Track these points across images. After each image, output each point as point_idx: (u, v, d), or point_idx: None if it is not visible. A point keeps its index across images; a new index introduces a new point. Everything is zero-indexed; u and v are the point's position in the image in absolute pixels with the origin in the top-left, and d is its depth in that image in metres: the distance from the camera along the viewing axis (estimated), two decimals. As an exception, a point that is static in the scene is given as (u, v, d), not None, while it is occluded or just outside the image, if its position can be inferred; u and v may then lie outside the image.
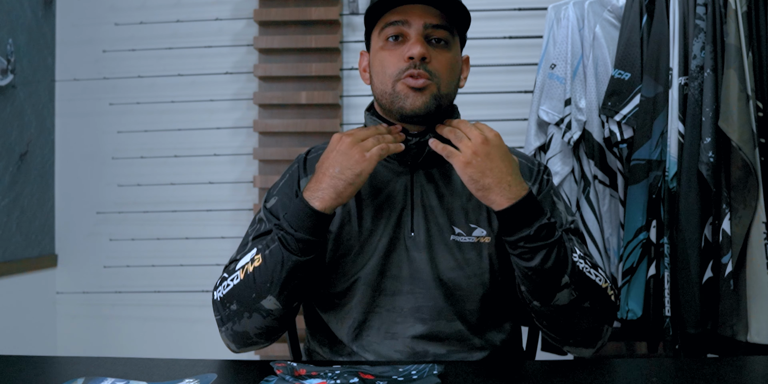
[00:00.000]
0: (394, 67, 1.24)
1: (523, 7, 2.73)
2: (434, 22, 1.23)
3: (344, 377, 1.01)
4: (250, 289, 1.18)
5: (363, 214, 1.29)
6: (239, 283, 1.20)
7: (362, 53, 1.36)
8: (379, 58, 1.27)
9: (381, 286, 1.28)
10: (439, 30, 1.24)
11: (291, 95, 2.80)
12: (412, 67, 1.22)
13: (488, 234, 1.28)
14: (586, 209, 2.29)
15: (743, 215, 2.02)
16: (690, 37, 2.13)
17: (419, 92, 1.23)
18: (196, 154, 2.88)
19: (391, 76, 1.24)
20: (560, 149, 2.31)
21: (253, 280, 1.18)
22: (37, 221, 2.83)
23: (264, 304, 1.18)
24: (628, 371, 1.14)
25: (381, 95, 1.27)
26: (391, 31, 1.25)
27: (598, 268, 1.24)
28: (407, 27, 1.23)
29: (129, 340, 2.94)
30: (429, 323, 1.27)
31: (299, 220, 1.16)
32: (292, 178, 1.36)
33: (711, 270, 2.07)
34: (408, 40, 1.24)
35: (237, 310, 1.20)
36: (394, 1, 1.23)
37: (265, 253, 1.18)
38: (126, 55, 2.91)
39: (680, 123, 2.12)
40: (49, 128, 2.93)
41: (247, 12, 2.88)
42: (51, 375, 1.13)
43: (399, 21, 1.23)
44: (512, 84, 2.73)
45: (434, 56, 1.24)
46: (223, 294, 1.22)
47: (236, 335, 1.23)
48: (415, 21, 1.23)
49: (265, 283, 1.17)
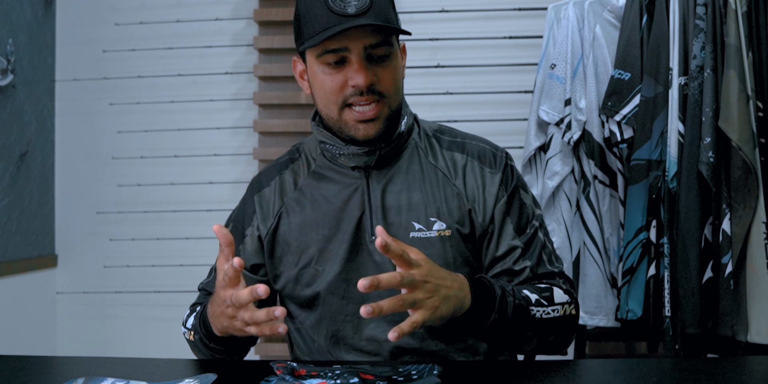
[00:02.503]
0: (338, 93, 1.20)
1: (523, 7, 2.73)
2: (373, 42, 1.17)
3: (344, 377, 1.01)
4: (194, 349, 1.33)
5: (321, 223, 1.28)
6: (188, 339, 1.33)
7: (295, 60, 1.30)
8: (320, 81, 1.21)
9: (348, 294, 1.27)
10: (380, 48, 1.18)
11: (291, 95, 2.80)
12: (358, 93, 1.18)
13: (448, 227, 1.26)
14: (586, 209, 2.29)
15: (743, 215, 2.02)
16: (690, 37, 2.13)
17: (371, 122, 1.20)
18: (196, 154, 2.88)
19: (335, 102, 1.21)
20: (560, 149, 2.31)
21: (193, 346, 1.32)
22: (37, 221, 2.83)
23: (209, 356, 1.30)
24: (628, 371, 1.14)
25: (327, 118, 1.25)
26: (330, 59, 1.18)
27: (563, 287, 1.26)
28: (347, 52, 1.17)
29: (129, 340, 2.93)
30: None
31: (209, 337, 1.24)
32: (242, 203, 1.39)
33: (711, 270, 2.07)
34: (349, 63, 1.18)
35: (191, 342, 1.32)
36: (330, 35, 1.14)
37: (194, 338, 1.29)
38: (126, 55, 2.91)
39: (680, 123, 2.12)
40: (49, 128, 2.93)
41: (247, 12, 2.88)
42: (51, 375, 1.13)
43: (338, 48, 1.17)
44: (512, 84, 2.73)
45: (379, 76, 1.19)
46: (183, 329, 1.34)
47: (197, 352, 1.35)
48: (355, 46, 1.17)
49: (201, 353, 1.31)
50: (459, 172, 1.29)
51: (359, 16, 1.15)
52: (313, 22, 1.18)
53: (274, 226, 1.31)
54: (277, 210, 1.31)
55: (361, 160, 1.26)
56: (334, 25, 1.15)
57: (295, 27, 1.25)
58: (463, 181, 1.29)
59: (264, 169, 1.39)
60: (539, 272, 1.28)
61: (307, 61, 1.24)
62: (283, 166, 1.36)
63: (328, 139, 1.27)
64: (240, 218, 1.36)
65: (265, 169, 1.38)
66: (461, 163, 1.30)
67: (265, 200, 1.33)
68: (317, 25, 1.17)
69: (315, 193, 1.30)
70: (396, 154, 1.29)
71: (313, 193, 1.30)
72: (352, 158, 1.26)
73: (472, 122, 2.63)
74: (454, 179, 1.29)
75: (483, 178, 1.29)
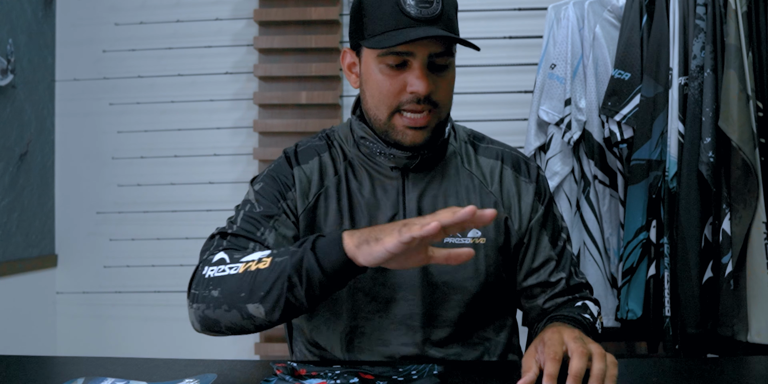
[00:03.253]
0: (394, 98, 1.18)
1: (523, 7, 2.73)
2: (438, 51, 1.16)
3: (344, 377, 1.01)
4: (243, 287, 1.06)
5: (354, 216, 1.26)
6: (235, 275, 1.07)
7: (347, 51, 1.27)
8: (376, 80, 1.20)
9: (374, 293, 1.26)
10: (442, 57, 1.18)
11: (291, 95, 2.81)
12: (414, 101, 1.17)
13: (483, 234, 1.26)
14: (586, 209, 2.29)
15: (743, 215, 2.02)
16: (690, 37, 2.13)
17: (420, 130, 1.20)
18: (196, 154, 2.88)
19: (389, 106, 1.19)
20: (560, 149, 2.31)
21: (251, 280, 1.06)
22: (37, 221, 2.83)
23: (248, 307, 1.06)
24: (628, 371, 1.14)
25: (374, 119, 1.23)
26: (393, 61, 1.17)
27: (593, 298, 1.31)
28: (411, 57, 1.16)
29: (129, 340, 2.93)
30: (420, 331, 1.25)
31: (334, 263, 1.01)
32: (279, 166, 1.30)
33: (711, 270, 2.07)
34: (410, 68, 1.17)
35: (217, 298, 1.08)
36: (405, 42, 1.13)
37: (276, 260, 1.05)
38: (126, 55, 2.91)
39: (680, 123, 2.12)
40: (49, 128, 2.93)
41: (247, 12, 2.88)
42: (51, 375, 1.13)
43: (403, 52, 1.15)
44: (512, 84, 2.73)
45: (438, 85, 1.19)
46: (212, 276, 1.10)
47: (205, 319, 1.11)
48: (420, 52, 1.15)
49: (259, 290, 1.05)
50: (495, 178, 1.30)
51: (430, 23, 1.14)
52: (381, 20, 1.16)
53: (312, 207, 1.27)
54: (316, 191, 1.27)
55: (401, 162, 1.25)
56: (403, 28, 1.14)
57: (354, 18, 1.22)
58: (499, 188, 1.29)
59: (299, 147, 1.32)
60: (572, 284, 1.30)
61: (363, 57, 1.22)
62: (321, 149, 1.31)
63: (370, 137, 1.25)
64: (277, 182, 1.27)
65: (301, 146, 1.32)
66: (497, 170, 1.30)
67: (305, 177, 1.27)
68: (385, 24, 1.15)
69: (351, 184, 1.28)
70: (436, 158, 1.29)
71: (349, 184, 1.28)
72: (393, 159, 1.25)
73: (472, 122, 2.62)
74: (490, 186, 1.29)
75: (518, 187, 1.30)
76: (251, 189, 1.29)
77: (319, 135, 1.36)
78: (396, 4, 1.14)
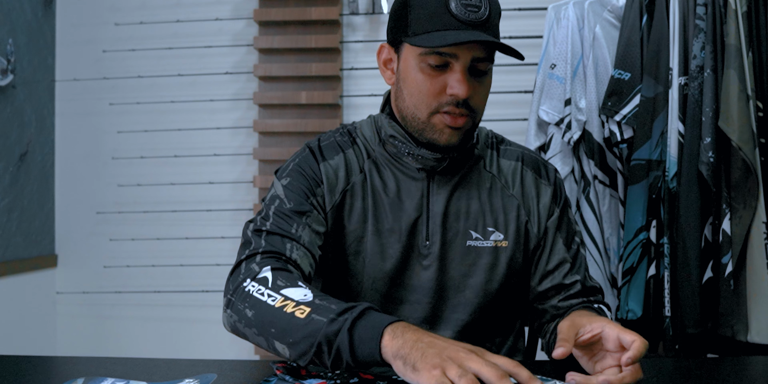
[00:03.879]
0: (434, 98, 1.18)
1: (523, 7, 2.73)
2: (481, 56, 1.17)
3: (344, 377, 1.01)
4: (275, 324, 1.01)
5: (380, 218, 1.26)
6: (271, 307, 1.02)
7: (384, 46, 1.26)
8: (416, 79, 1.19)
9: (389, 294, 1.26)
10: (483, 62, 1.19)
11: (291, 95, 2.81)
12: (453, 104, 1.17)
13: (505, 238, 1.26)
14: (586, 209, 2.29)
15: (743, 215, 2.02)
16: (690, 37, 2.13)
17: (456, 130, 1.20)
18: (196, 154, 2.88)
19: (429, 106, 1.19)
20: (560, 149, 2.31)
21: (284, 323, 1.00)
22: (37, 221, 2.83)
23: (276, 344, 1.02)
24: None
25: (411, 117, 1.22)
26: (435, 61, 1.17)
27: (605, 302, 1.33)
28: (453, 59, 1.16)
29: (129, 340, 2.93)
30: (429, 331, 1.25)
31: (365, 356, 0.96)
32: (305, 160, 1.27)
33: (711, 270, 2.07)
34: (452, 70, 1.17)
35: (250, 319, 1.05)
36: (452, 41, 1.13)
37: (314, 317, 0.98)
38: (126, 55, 2.91)
39: (680, 123, 2.12)
40: (49, 128, 2.93)
41: (247, 12, 2.88)
42: (51, 375, 1.13)
43: (447, 53, 1.16)
44: (512, 84, 2.73)
45: (476, 90, 1.19)
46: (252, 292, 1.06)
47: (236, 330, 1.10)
48: (464, 55, 1.16)
49: (288, 336, 1.00)
50: (517, 180, 1.30)
51: (476, 27, 1.15)
52: (427, 19, 1.16)
53: (338, 204, 1.25)
54: (343, 188, 1.26)
55: (428, 164, 1.25)
56: (449, 29, 1.14)
57: (397, 14, 1.21)
58: (521, 191, 1.30)
59: (322, 143, 1.30)
60: (587, 286, 1.30)
61: (403, 54, 1.22)
62: (345, 145, 1.29)
63: (400, 136, 1.25)
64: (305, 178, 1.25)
65: (324, 141, 1.30)
66: (518, 172, 1.31)
67: (332, 173, 1.26)
68: (432, 24, 1.15)
69: (375, 183, 1.27)
70: (462, 161, 1.29)
71: (374, 182, 1.27)
72: (421, 160, 1.24)
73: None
74: (512, 189, 1.30)
75: (538, 189, 1.30)
76: (278, 183, 1.26)
77: (339, 130, 1.33)
78: (444, 5, 1.14)
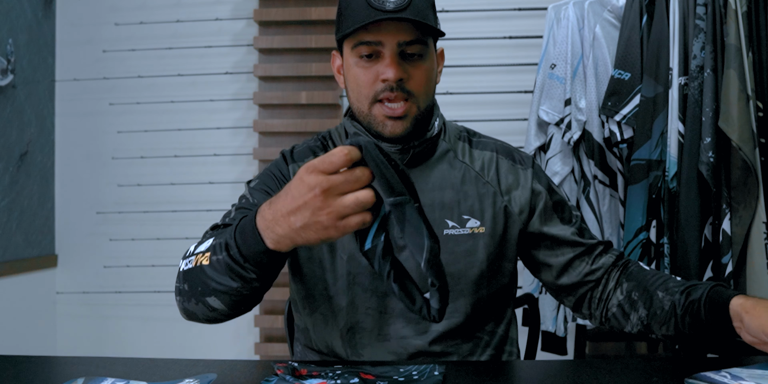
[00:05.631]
0: (369, 87, 1.22)
1: (523, 7, 2.73)
2: (408, 39, 1.20)
3: (345, 377, 1.01)
4: (197, 281, 1.08)
5: None
6: (191, 270, 1.09)
7: (334, 54, 1.33)
8: (353, 74, 1.24)
9: (373, 287, 1.27)
10: (413, 45, 1.21)
11: (291, 95, 2.81)
12: (388, 89, 1.21)
13: (482, 224, 1.28)
14: (586, 209, 2.29)
15: (743, 215, 2.02)
16: (690, 37, 2.13)
17: (399, 120, 1.22)
18: (196, 154, 2.88)
19: (367, 96, 1.23)
20: (560, 149, 2.31)
21: (199, 275, 1.07)
22: (37, 221, 2.83)
23: (208, 300, 1.08)
24: (628, 371, 1.14)
25: (358, 112, 1.27)
26: (364, 51, 1.21)
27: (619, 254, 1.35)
28: (381, 47, 1.20)
29: (129, 340, 2.94)
30: (421, 323, 1.26)
31: (254, 254, 1.00)
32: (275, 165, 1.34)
33: (711, 270, 2.07)
34: (382, 58, 1.21)
35: (187, 291, 1.11)
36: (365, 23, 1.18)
37: (213, 258, 1.05)
38: (126, 55, 2.91)
39: (680, 123, 2.12)
40: (49, 128, 2.93)
41: (247, 12, 2.88)
42: (51, 375, 1.13)
43: (372, 41, 1.20)
44: (512, 84, 2.73)
45: (410, 74, 1.22)
46: (182, 269, 1.13)
47: (185, 311, 1.16)
48: (389, 40, 1.20)
49: (207, 284, 1.07)
50: (492, 169, 1.33)
51: (397, 12, 1.18)
52: (351, 16, 1.21)
53: None
54: None
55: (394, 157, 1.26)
56: (370, 18, 1.18)
57: (336, 21, 1.28)
58: (496, 178, 1.32)
59: (296, 148, 1.37)
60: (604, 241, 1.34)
61: (344, 55, 1.27)
62: (316, 149, 1.35)
63: (362, 133, 1.28)
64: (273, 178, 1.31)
65: (297, 148, 1.37)
66: (493, 160, 1.34)
67: None
68: (355, 18, 1.20)
69: None
70: (428, 154, 1.31)
71: None
72: None
73: (472, 122, 2.63)
74: (486, 176, 1.32)
75: (516, 174, 1.33)
76: (246, 187, 1.32)
77: (315, 137, 1.40)
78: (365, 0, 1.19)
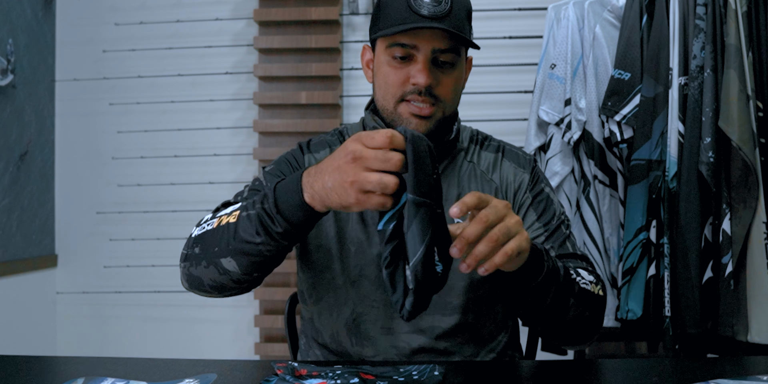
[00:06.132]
0: (398, 88, 1.25)
1: (523, 7, 2.73)
2: (442, 47, 1.23)
3: (345, 377, 1.01)
4: (216, 241, 1.11)
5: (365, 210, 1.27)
6: (210, 231, 1.12)
7: (365, 48, 1.35)
8: (384, 72, 1.27)
9: (380, 280, 1.27)
10: (447, 54, 1.24)
11: (291, 95, 2.80)
12: (417, 92, 1.23)
13: None
14: (586, 209, 2.29)
15: (743, 215, 2.03)
16: (690, 37, 2.13)
17: (424, 119, 1.25)
18: (196, 154, 2.88)
19: (394, 95, 1.25)
20: (560, 149, 2.31)
21: (221, 233, 1.10)
22: (37, 221, 2.83)
23: (222, 261, 1.10)
24: (628, 371, 1.14)
25: (382, 109, 1.29)
26: (398, 52, 1.24)
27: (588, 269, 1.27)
28: (415, 50, 1.23)
29: (129, 340, 2.93)
30: (424, 318, 1.27)
31: (289, 206, 1.03)
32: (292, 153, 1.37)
33: (711, 270, 2.07)
34: (415, 61, 1.23)
35: (198, 255, 1.14)
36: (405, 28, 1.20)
37: (243, 214, 1.08)
38: (126, 55, 2.91)
39: (680, 123, 2.12)
40: (49, 128, 2.93)
41: (247, 12, 2.88)
42: (51, 375, 1.13)
43: (407, 44, 1.22)
44: (512, 84, 2.73)
45: (440, 80, 1.24)
46: (196, 234, 1.16)
47: (191, 277, 1.17)
48: (424, 46, 1.22)
49: (228, 242, 1.09)
50: (496, 168, 1.36)
51: (437, 20, 1.21)
52: (391, 15, 1.23)
53: None
54: None
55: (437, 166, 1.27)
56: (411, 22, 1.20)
57: (373, 14, 1.30)
58: (499, 176, 1.35)
59: (312, 140, 1.39)
60: (561, 253, 1.29)
61: (376, 51, 1.29)
62: (333, 143, 1.38)
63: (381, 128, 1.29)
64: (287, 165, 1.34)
65: (314, 140, 1.39)
66: (498, 161, 1.37)
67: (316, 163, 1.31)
68: (394, 19, 1.22)
69: None
70: (444, 154, 1.33)
71: None
72: None
73: (472, 122, 2.62)
74: (491, 174, 1.35)
75: (515, 176, 1.35)
76: (261, 171, 1.35)
77: (331, 132, 1.42)
78: (408, 2, 1.21)
